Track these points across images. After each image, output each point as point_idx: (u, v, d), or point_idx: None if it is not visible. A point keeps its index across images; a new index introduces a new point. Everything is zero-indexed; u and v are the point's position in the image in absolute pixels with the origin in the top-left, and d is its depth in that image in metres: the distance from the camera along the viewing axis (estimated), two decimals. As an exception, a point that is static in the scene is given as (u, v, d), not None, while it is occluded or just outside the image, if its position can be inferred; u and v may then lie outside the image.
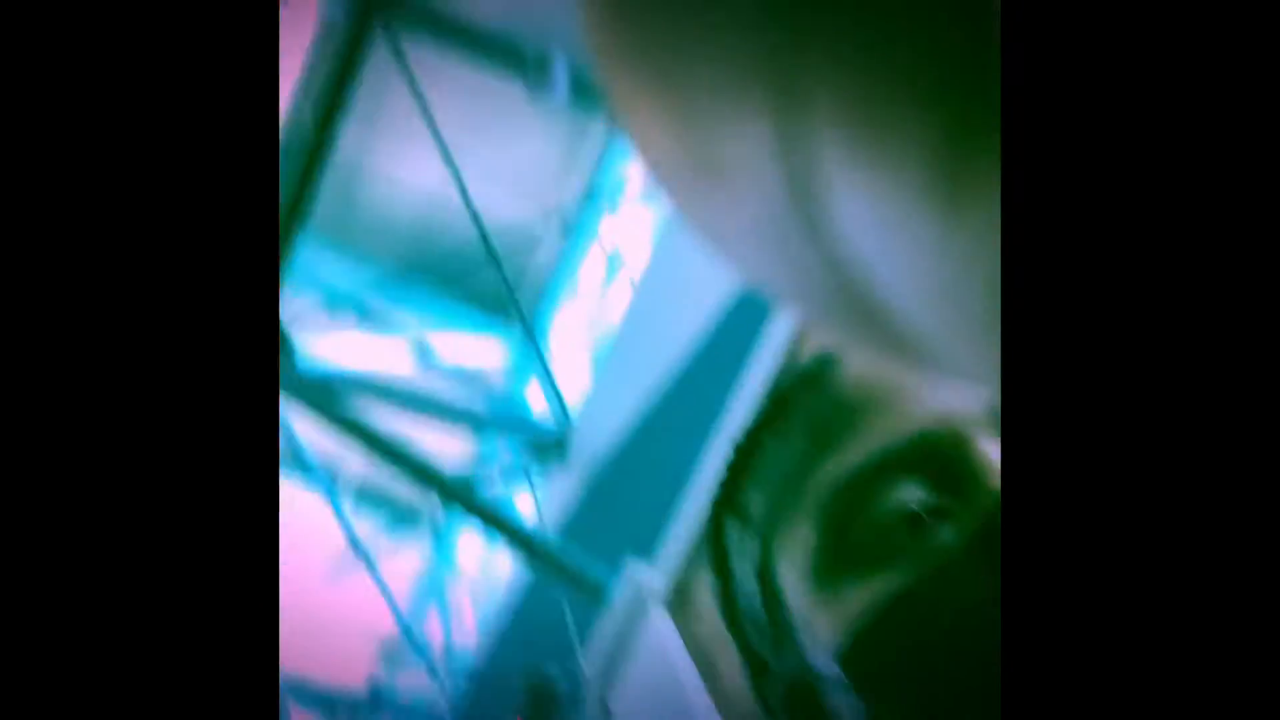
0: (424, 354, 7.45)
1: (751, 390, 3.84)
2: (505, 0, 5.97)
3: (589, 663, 4.13)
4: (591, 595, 4.33)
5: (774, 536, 0.54)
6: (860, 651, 0.49)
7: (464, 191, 6.11)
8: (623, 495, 5.30)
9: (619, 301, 6.93)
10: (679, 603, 3.92)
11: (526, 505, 6.83)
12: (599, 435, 5.96)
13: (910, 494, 0.47)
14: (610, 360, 6.67)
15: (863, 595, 0.48)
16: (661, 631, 3.85)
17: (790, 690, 0.53)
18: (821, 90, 0.28)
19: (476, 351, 8.01)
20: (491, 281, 6.63)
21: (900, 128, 0.29)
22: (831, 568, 0.50)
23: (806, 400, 0.53)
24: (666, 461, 4.57)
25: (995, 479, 0.44)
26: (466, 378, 7.50)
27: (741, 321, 4.31)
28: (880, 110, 0.29)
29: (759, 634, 0.55)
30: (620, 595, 4.09)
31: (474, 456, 7.43)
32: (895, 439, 0.48)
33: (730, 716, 3.46)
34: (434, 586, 8.59)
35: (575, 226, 7.44)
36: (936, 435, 0.47)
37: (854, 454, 0.49)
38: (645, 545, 4.21)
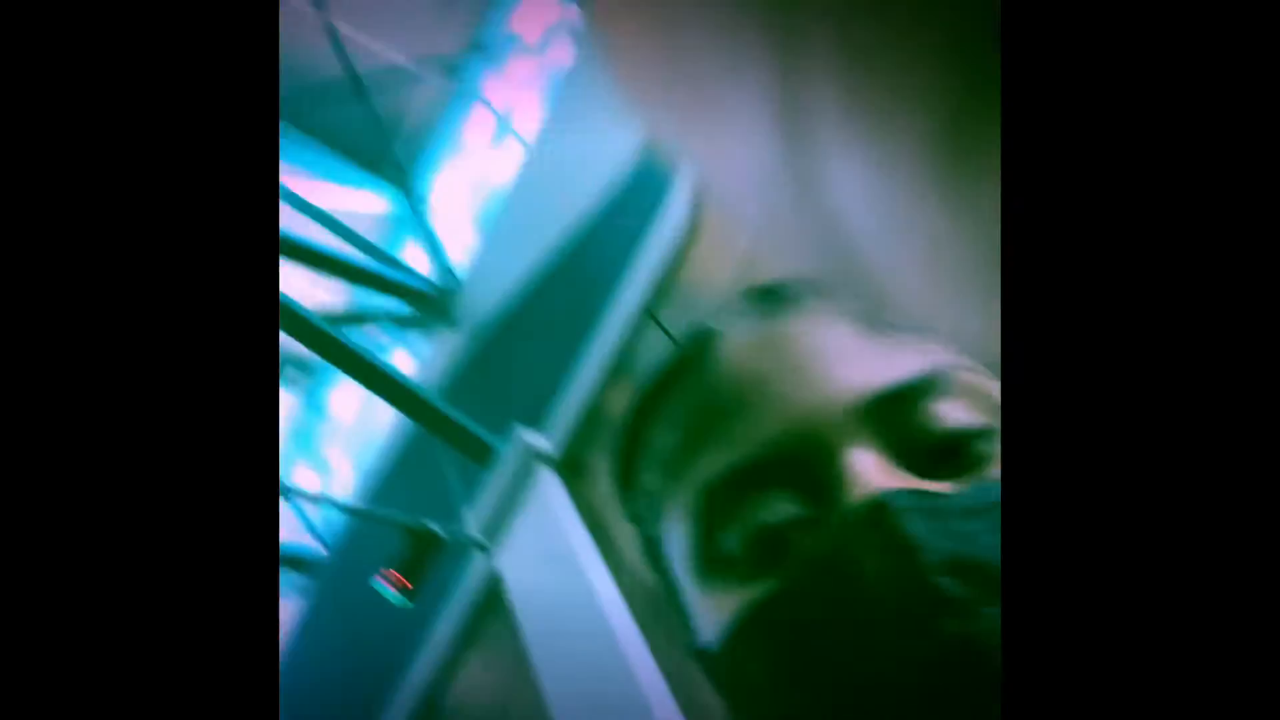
0: (297, 203, 7.24)
1: (649, 261, 3.84)
2: None
3: (474, 521, 4.17)
4: (477, 456, 4.35)
5: (661, 519, 0.53)
6: (725, 656, 0.48)
7: (334, 32, 5.89)
8: (512, 360, 5.26)
9: (508, 162, 6.80)
10: (570, 468, 3.98)
11: (407, 364, 6.79)
12: (487, 298, 5.89)
13: (775, 507, 0.46)
14: (500, 221, 6.56)
15: (728, 601, 0.47)
16: (551, 494, 3.90)
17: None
18: (821, 48, 0.27)
19: (353, 202, 7.83)
20: (367, 133, 6.45)
21: (900, 95, 0.28)
22: (705, 566, 0.49)
23: (685, 384, 0.53)
24: (558, 328, 4.55)
25: (858, 488, 0.43)
26: (342, 228, 7.33)
27: (640, 188, 4.26)
28: (880, 77, 0.29)
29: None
30: (509, 457, 4.11)
31: (349, 307, 7.34)
32: (760, 447, 0.47)
33: (623, 577, 3.56)
34: (304, 437, 8.55)
35: (457, 79, 7.25)
36: (801, 442, 0.46)
37: (722, 457, 0.48)
38: (533, 413, 4.23)
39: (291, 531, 7.63)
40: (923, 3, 0.25)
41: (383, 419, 6.95)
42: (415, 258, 7.38)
